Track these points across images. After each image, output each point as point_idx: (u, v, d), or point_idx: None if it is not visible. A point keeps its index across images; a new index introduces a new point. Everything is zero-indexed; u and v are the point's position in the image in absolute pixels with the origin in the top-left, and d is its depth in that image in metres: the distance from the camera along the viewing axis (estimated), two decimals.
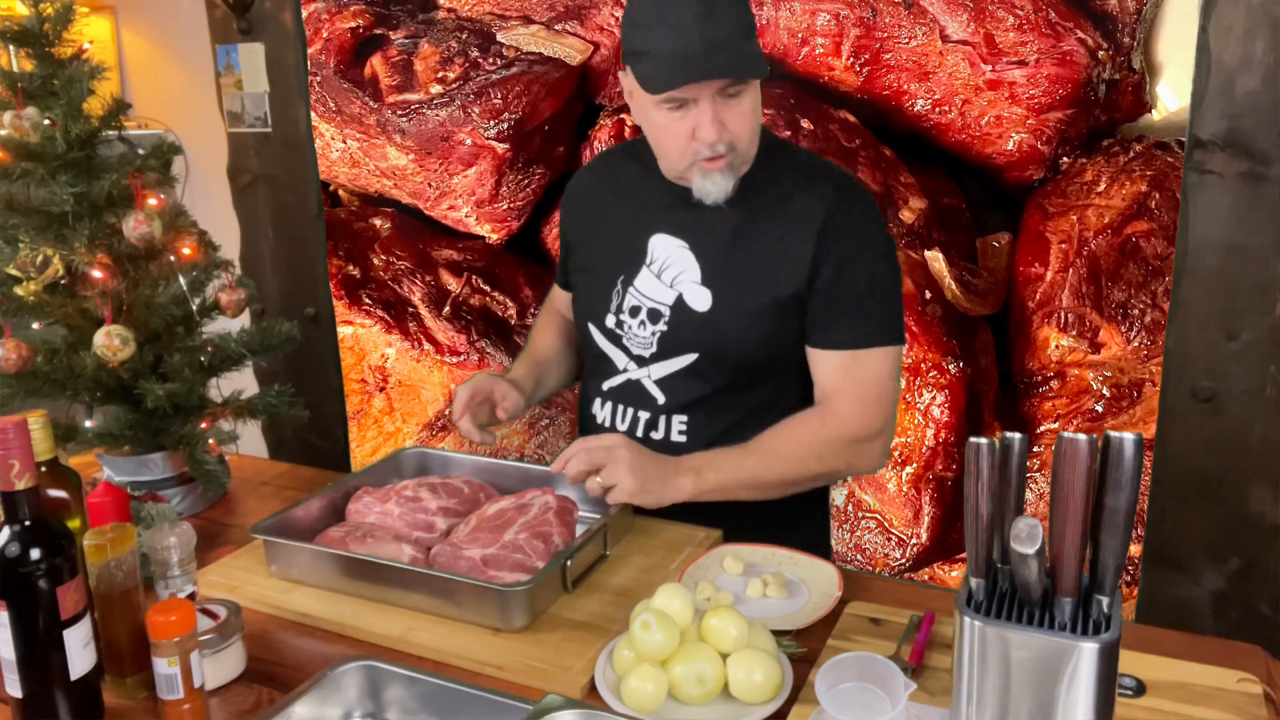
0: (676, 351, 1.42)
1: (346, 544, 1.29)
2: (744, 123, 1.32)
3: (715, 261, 1.40)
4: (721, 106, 1.30)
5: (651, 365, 1.44)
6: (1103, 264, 2.18)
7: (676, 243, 1.42)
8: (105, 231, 1.50)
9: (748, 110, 1.32)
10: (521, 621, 1.15)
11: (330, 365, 3.22)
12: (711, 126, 1.30)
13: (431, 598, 1.18)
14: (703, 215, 1.40)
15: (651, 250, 1.44)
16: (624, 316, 1.45)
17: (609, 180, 1.54)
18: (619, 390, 1.47)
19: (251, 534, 1.29)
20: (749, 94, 1.32)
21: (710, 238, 1.40)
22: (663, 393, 1.44)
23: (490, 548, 1.23)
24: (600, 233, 1.52)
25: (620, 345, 1.46)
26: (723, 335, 1.39)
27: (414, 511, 1.36)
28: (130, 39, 3.35)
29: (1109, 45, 2.10)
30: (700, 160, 1.33)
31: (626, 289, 1.45)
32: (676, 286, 1.41)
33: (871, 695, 0.91)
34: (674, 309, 1.41)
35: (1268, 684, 1.02)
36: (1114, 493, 0.81)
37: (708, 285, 1.40)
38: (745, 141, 1.34)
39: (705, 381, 1.42)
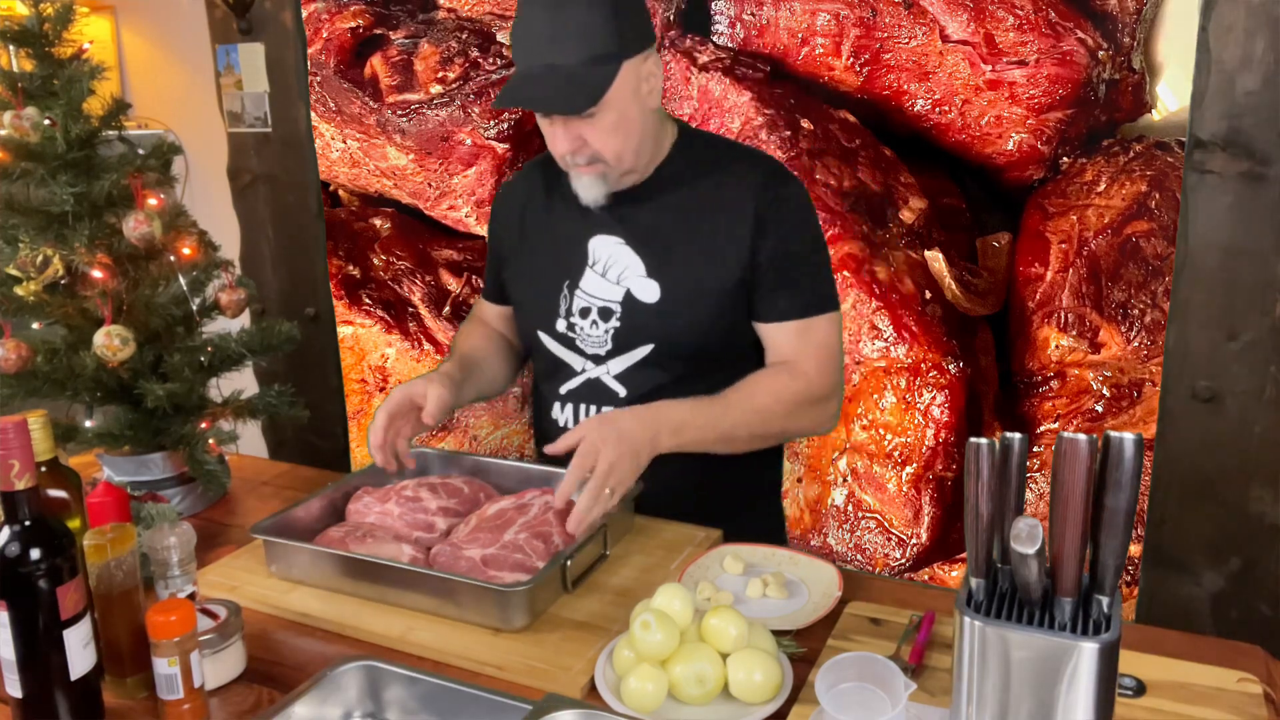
0: (632, 345, 1.46)
1: (346, 544, 1.29)
2: (605, 139, 1.36)
3: (657, 254, 1.44)
4: (578, 123, 1.35)
5: (609, 361, 1.47)
6: (1103, 264, 2.18)
7: (615, 240, 1.46)
8: (105, 231, 1.50)
9: (608, 126, 1.35)
10: (522, 621, 1.15)
11: (330, 365, 3.22)
12: (563, 140, 1.36)
13: (431, 598, 1.18)
14: (637, 212, 1.45)
15: (593, 251, 1.48)
16: (575, 319, 1.48)
17: (540, 188, 1.56)
18: (578, 391, 1.50)
19: (251, 534, 1.29)
20: (608, 112, 1.33)
21: (648, 232, 1.45)
22: (623, 386, 1.47)
23: (490, 548, 1.23)
24: (537, 241, 1.55)
25: (574, 348, 1.49)
26: (675, 323, 1.44)
27: (414, 511, 1.36)
28: (130, 39, 3.35)
29: (1109, 45, 2.10)
30: (570, 166, 1.40)
31: (574, 292, 1.49)
32: (624, 283, 1.45)
33: (871, 695, 0.91)
34: (624, 304, 1.45)
35: (1268, 684, 1.02)
36: (1114, 493, 0.81)
37: (654, 277, 1.44)
38: (611, 155, 1.37)
39: (664, 370, 1.45)
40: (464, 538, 1.26)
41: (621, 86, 1.33)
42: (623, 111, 1.35)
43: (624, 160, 1.39)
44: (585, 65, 1.30)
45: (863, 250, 2.38)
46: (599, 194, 1.41)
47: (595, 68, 1.31)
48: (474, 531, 1.28)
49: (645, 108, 1.38)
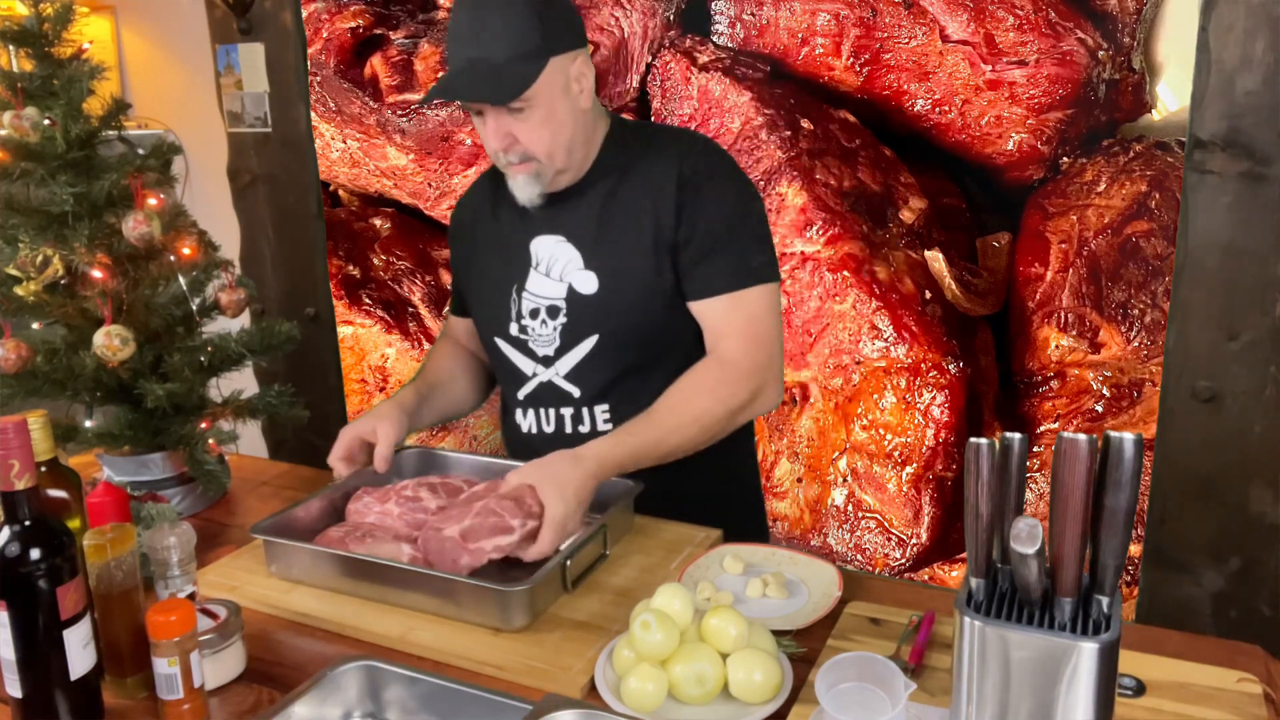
0: (579, 339, 1.46)
1: (346, 544, 1.29)
2: (535, 135, 1.37)
3: (591, 244, 1.45)
4: (508, 119, 1.36)
5: (557, 362, 1.48)
6: (1103, 264, 2.18)
7: (555, 239, 1.47)
8: (105, 231, 1.49)
9: (538, 124, 1.36)
10: (522, 621, 1.15)
11: (330, 365, 3.22)
12: (493, 137, 1.38)
13: (431, 597, 1.18)
14: (572, 208, 1.46)
15: (535, 252, 1.49)
16: (525, 320, 1.50)
17: (487, 198, 1.58)
18: (534, 395, 1.51)
19: (251, 534, 1.29)
20: (538, 106, 1.35)
21: (584, 225, 1.46)
22: (576, 386, 1.48)
23: (465, 519, 1.21)
24: (486, 249, 1.57)
25: (526, 350, 1.50)
26: (614, 311, 1.44)
27: (413, 511, 1.36)
28: (130, 39, 3.35)
29: (1109, 45, 2.10)
30: (504, 165, 1.42)
31: (521, 294, 1.50)
32: (565, 279, 1.46)
33: (871, 695, 0.91)
34: (568, 300, 1.46)
35: (1268, 684, 1.02)
36: (1114, 493, 0.81)
37: (590, 268, 1.45)
38: (542, 152, 1.39)
39: (611, 363, 1.45)
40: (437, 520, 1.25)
41: (548, 82, 1.34)
42: (550, 108, 1.36)
43: (555, 158, 1.40)
44: (510, 61, 1.32)
45: (863, 250, 2.38)
46: (533, 193, 1.43)
47: (520, 63, 1.32)
48: (447, 510, 1.27)
49: (576, 107, 1.39)
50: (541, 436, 1.51)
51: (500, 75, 1.33)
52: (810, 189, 2.40)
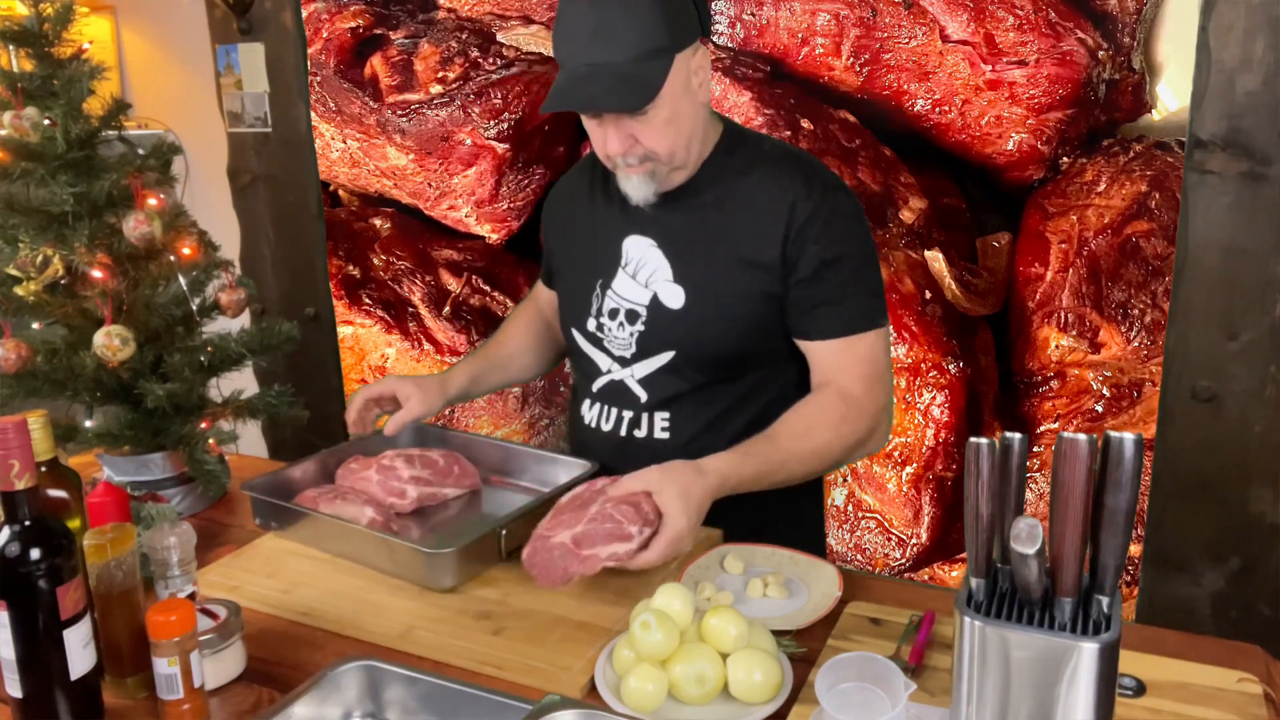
0: (655, 350, 1.43)
1: (318, 503, 1.38)
2: (658, 136, 1.32)
3: (685, 258, 1.41)
4: (630, 122, 1.31)
5: (634, 365, 1.45)
6: (1103, 264, 2.19)
7: (647, 242, 1.43)
8: (105, 231, 1.49)
9: (661, 124, 1.31)
10: (449, 582, 1.23)
11: (330, 365, 3.22)
12: (614, 141, 1.32)
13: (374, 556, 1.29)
14: (672, 214, 1.41)
15: (626, 252, 1.45)
16: (604, 319, 1.47)
17: (584, 186, 1.54)
18: (605, 391, 1.49)
19: (242, 489, 1.40)
20: (660, 109, 1.30)
21: (679, 235, 1.42)
22: (645, 391, 1.45)
23: (578, 526, 1.17)
24: (577, 238, 1.54)
25: (602, 348, 1.48)
26: (698, 331, 1.40)
27: (389, 479, 1.45)
28: (130, 39, 3.35)
29: (1109, 45, 2.10)
30: (619, 166, 1.37)
31: (605, 292, 1.46)
32: (651, 286, 1.42)
33: (871, 695, 0.91)
34: (650, 309, 1.42)
35: (1268, 684, 1.02)
36: (1114, 493, 0.81)
37: (680, 283, 1.41)
38: (665, 152, 1.34)
39: (684, 378, 1.43)
40: (547, 526, 1.20)
41: (674, 81, 1.28)
42: (675, 107, 1.31)
43: (676, 157, 1.35)
44: (636, 61, 1.26)
45: None
46: (648, 193, 1.37)
47: (647, 64, 1.26)
48: (556, 516, 1.22)
49: (695, 101, 1.34)
50: (600, 432, 1.49)
51: (628, 80, 1.26)
52: None
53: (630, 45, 1.26)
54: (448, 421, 3.08)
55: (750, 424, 1.38)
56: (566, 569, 1.15)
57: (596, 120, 1.33)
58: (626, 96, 1.27)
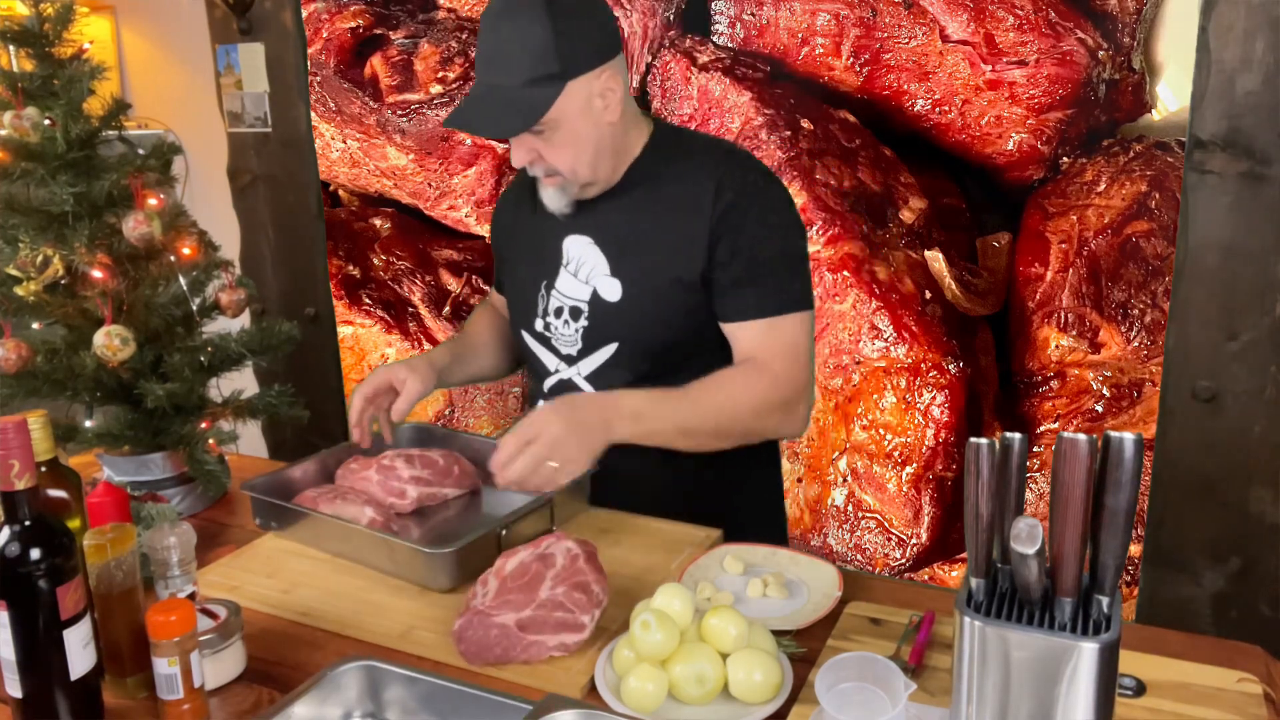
0: (598, 344, 1.46)
1: (318, 503, 1.38)
2: (558, 155, 1.37)
3: (619, 252, 1.45)
4: (530, 139, 1.36)
5: (579, 362, 1.49)
6: (1103, 264, 2.19)
7: (585, 240, 1.47)
8: (105, 231, 1.49)
9: (559, 144, 1.36)
10: (448, 583, 1.23)
11: (330, 365, 3.23)
12: (517, 154, 1.39)
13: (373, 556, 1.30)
14: (605, 211, 1.46)
15: (566, 251, 1.49)
16: (550, 318, 1.50)
17: (527, 192, 1.58)
18: (554, 391, 1.52)
19: (242, 489, 1.40)
20: (561, 125, 1.34)
21: (615, 231, 1.45)
22: (593, 387, 1.48)
23: (525, 610, 1.11)
24: (523, 243, 1.58)
25: (550, 347, 1.52)
26: (636, 321, 1.44)
27: (389, 479, 1.45)
28: (130, 39, 3.35)
29: (1109, 45, 2.10)
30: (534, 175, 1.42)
31: (550, 292, 1.51)
32: (591, 282, 1.46)
33: (871, 695, 0.91)
34: (591, 303, 1.46)
35: (1268, 684, 1.02)
36: (1114, 493, 0.81)
37: (615, 275, 1.44)
38: (566, 169, 1.38)
39: (629, 370, 1.45)
40: (491, 603, 1.13)
41: (567, 105, 1.32)
42: (573, 129, 1.35)
43: (579, 174, 1.39)
44: (524, 86, 1.31)
45: (863, 250, 2.38)
46: (562, 204, 1.44)
47: (535, 89, 1.31)
48: (501, 593, 1.14)
49: (600, 122, 1.36)
50: None
51: (515, 103, 1.31)
52: (810, 189, 2.40)
53: (519, 71, 1.31)
54: (447, 421, 3.08)
55: None
56: (506, 653, 1.08)
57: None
58: (508, 121, 1.33)
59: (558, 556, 1.16)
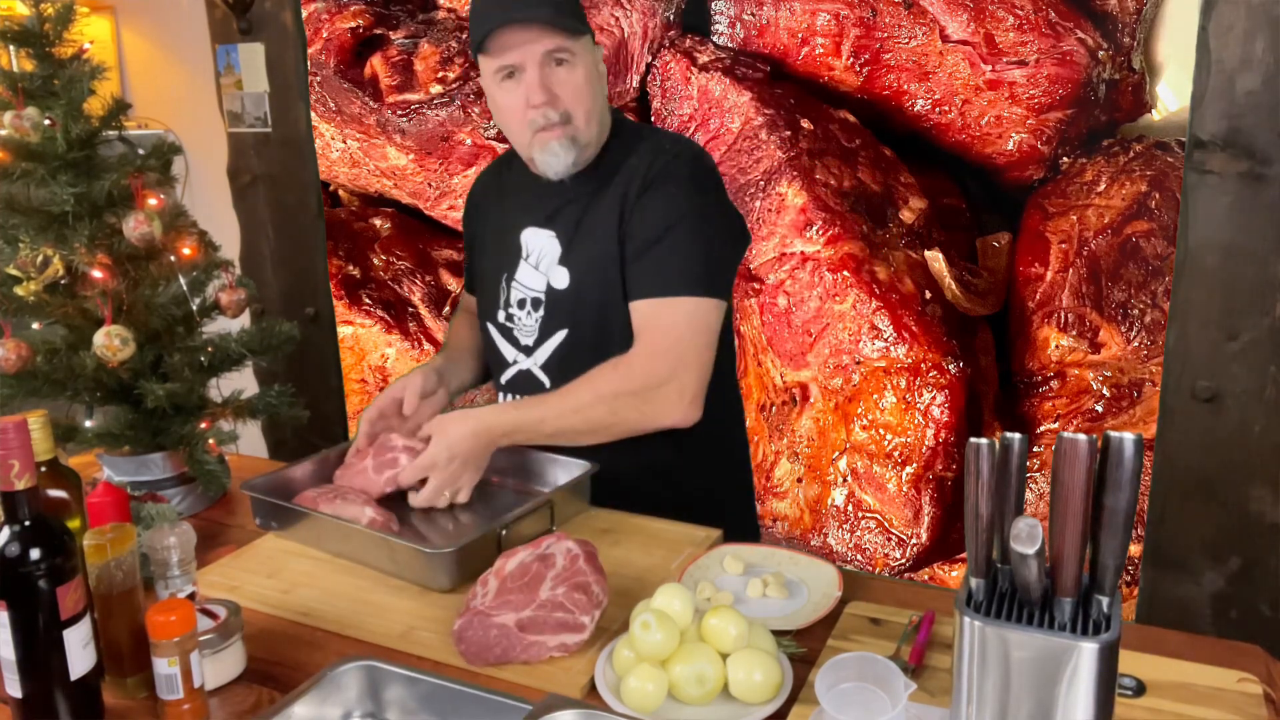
0: (551, 333, 1.49)
1: (317, 503, 1.38)
2: (576, 93, 1.37)
3: (570, 242, 1.47)
4: (550, 74, 1.36)
5: (536, 352, 1.51)
6: (1103, 264, 2.18)
7: (546, 233, 1.49)
8: (105, 231, 1.49)
9: (580, 81, 1.37)
10: (448, 583, 1.23)
11: (330, 365, 3.22)
12: (539, 89, 1.36)
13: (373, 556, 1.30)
14: (562, 202, 1.48)
15: (526, 244, 1.51)
16: (512, 309, 1.53)
17: (494, 185, 1.61)
18: (513, 382, 1.54)
19: (242, 489, 1.40)
20: (579, 64, 1.36)
21: (568, 221, 1.48)
22: (548, 377, 1.50)
23: (525, 610, 1.11)
24: (488, 236, 1.60)
25: (511, 338, 1.54)
26: (582, 308, 1.46)
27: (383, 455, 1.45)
28: (130, 39, 3.35)
29: (1109, 45, 2.10)
30: (538, 130, 1.39)
31: (510, 283, 1.53)
32: (545, 272, 1.49)
33: (871, 695, 0.91)
34: (546, 293, 1.49)
35: (1268, 684, 1.02)
36: (1114, 493, 0.81)
37: (564, 263, 1.47)
38: (580, 113, 1.39)
39: (579, 356, 1.45)
40: (491, 603, 1.13)
41: (588, 51, 1.39)
42: (588, 74, 1.39)
43: (589, 125, 1.41)
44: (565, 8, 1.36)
45: (863, 250, 2.38)
46: (567, 161, 1.41)
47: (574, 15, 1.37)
48: (501, 594, 1.14)
49: (600, 90, 1.42)
50: None
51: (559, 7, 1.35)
52: (810, 189, 2.40)
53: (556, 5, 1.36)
54: None
55: None
56: (506, 653, 1.09)
57: (513, 80, 1.39)
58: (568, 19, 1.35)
59: (558, 557, 1.16)
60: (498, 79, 1.40)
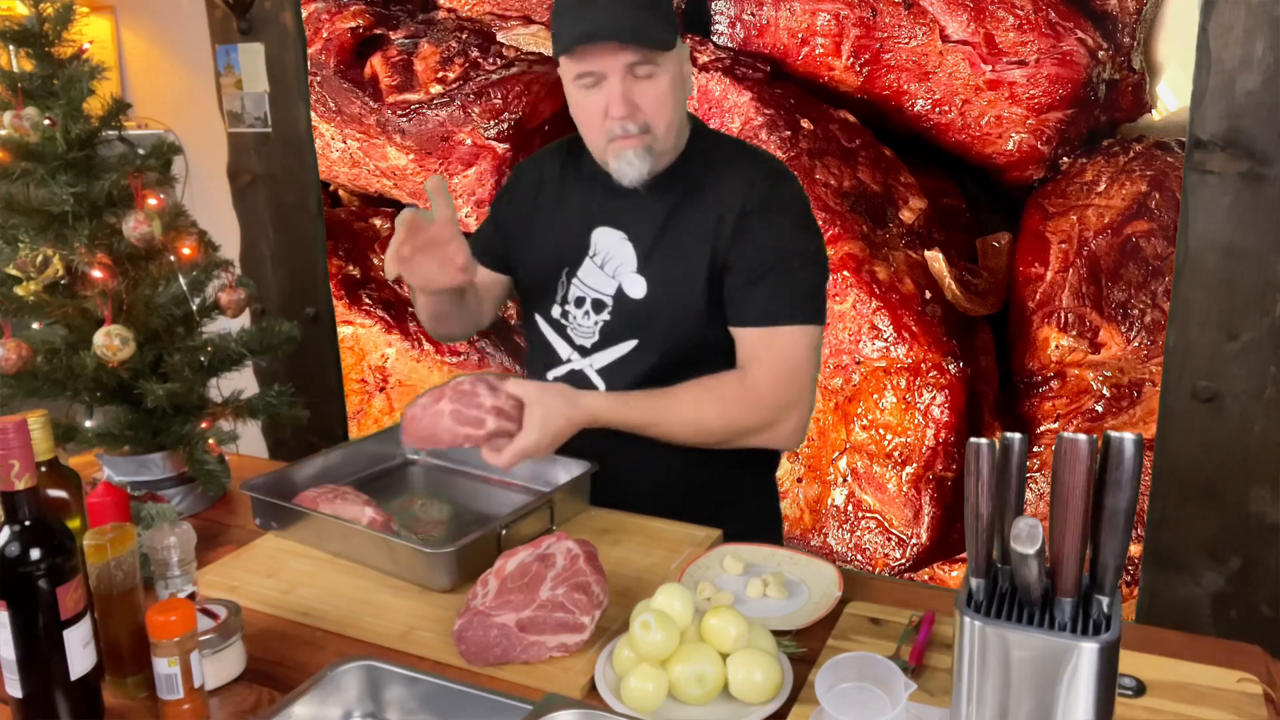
0: (617, 339, 1.46)
1: (318, 503, 1.37)
2: (658, 105, 1.35)
3: (648, 250, 1.44)
4: (632, 85, 1.33)
5: (593, 355, 1.48)
6: (1103, 264, 2.18)
7: (617, 235, 1.46)
8: (105, 231, 1.49)
9: (663, 92, 1.34)
10: (448, 583, 1.23)
11: (330, 365, 3.22)
12: (620, 102, 1.33)
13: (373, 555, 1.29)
14: (638, 206, 1.44)
15: (595, 243, 1.47)
16: (569, 307, 1.49)
17: (553, 174, 1.55)
18: (563, 379, 1.50)
19: (242, 489, 1.39)
20: (663, 76, 1.34)
21: (644, 227, 1.44)
22: (604, 380, 1.47)
23: (526, 610, 1.11)
24: (544, 226, 1.55)
25: (564, 335, 1.50)
26: (657, 321, 1.43)
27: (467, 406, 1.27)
28: (130, 39, 3.35)
29: (1109, 45, 2.10)
30: (614, 139, 1.36)
31: (571, 280, 1.49)
32: (617, 277, 1.45)
33: (871, 695, 0.91)
34: (615, 299, 1.45)
35: (1268, 684, 1.02)
36: (1114, 493, 0.81)
37: (642, 273, 1.44)
38: (661, 125, 1.36)
39: (643, 367, 1.44)
40: (491, 603, 1.12)
41: (674, 59, 1.35)
42: (672, 84, 1.36)
43: (669, 136, 1.38)
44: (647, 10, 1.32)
45: (863, 250, 2.38)
46: (643, 170, 1.37)
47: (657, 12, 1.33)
48: (501, 594, 1.13)
49: (682, 97, 1.39)
50: None
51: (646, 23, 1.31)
52: (810, 189, 2.40)
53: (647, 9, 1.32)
54: None
55: None
56: (506, 653, 1.09)
57: (595, 88, 1.35)
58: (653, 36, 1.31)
59: (558, 557, 1.16)
60: (579, 83, 1.36)
